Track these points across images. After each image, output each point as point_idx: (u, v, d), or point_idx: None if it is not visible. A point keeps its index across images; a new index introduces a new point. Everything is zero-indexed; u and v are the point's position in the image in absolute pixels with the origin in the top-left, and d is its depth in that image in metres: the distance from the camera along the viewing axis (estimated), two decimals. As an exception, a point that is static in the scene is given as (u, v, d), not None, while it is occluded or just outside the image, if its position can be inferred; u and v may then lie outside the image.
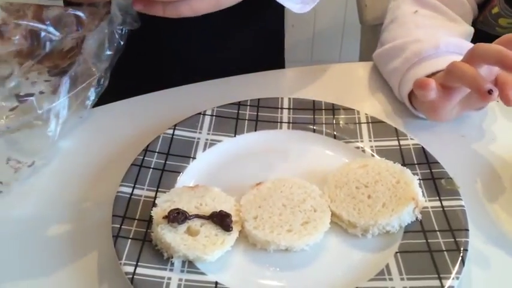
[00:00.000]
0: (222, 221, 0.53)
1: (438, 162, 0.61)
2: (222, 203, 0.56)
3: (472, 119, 0.71)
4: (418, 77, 0.67)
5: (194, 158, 0.63)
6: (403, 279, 0.50)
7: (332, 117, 0.68)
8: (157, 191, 0.58)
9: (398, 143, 0.65)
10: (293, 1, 0.72)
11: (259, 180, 0.59)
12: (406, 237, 0.54)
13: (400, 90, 0.72)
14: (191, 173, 0.62)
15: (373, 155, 0.64)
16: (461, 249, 0.52)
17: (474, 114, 0.72)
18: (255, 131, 0.67)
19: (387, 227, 0.55)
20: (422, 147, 0.63)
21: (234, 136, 0.66)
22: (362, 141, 0.65)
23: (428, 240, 0.53)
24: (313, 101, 0.70)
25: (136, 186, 0.58)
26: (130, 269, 0.50)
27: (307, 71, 0.81)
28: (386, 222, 0.54)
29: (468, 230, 0.54)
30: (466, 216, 0.55)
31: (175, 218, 0.52)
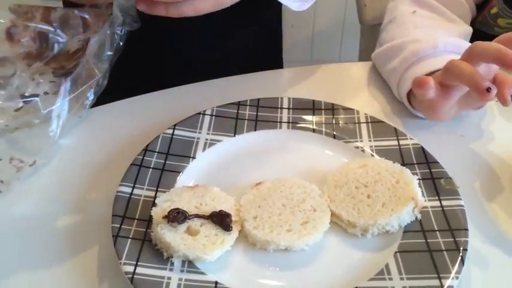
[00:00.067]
0: (221, 220, 0.53)
1: (437, 162, 0.61)
2: (222, 202, 0.56)
3: (471, 118, 0.72)
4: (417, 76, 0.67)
5: (194, 157, 0.63)
6: (402, 278, 0.50)
7: (332, 117, 0.68)
8: (157, 191, 0.58)
9: (398, 142, 0.65)
10: None
11: (259, 180, 0.59)
12: (405, 237, 0.55)
13: (399, 90, 0.72)
14: (191, 172, 0.62)
15: (372, 155, 0.64)
16: (461, 248, 0.52)
17: (473, 114, 0.72)
18: (255, 130, 0.67)
19: (387, 227, 0.55)
20: (422, 147, 0.63)
21: (234, 136, 0.66)
22: (361, 141, 0.65)
23: (428, 240, 0.54)
24: (313, 100, 0.70)
25: (136, 186, 0.58)
26: (130, 269, 0.50)
27: (307, 71, 0.81)
28: (386, 222, 0.54)
29: (467, 229, 0.54)
30: (466, 215, 0.55)
31: (175, 217, 0.52)
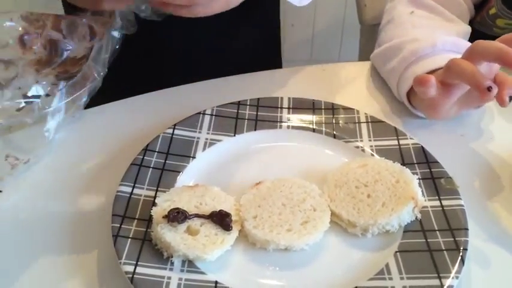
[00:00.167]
0: (221, 220, 0.53)
1: (437, 162, 0.61)
2: (222, 202, 0.56)
3: (471, 118, 0.72)
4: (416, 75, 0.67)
5: (194, 157, 0.63)
6: (402, 278, 0.50)
7: (332, 116, 0.68)
8: (157, 191, 0.58)
9: (398, 142, 0.65)
10: None
11: (259, 180, 0.59)
12: (405, 236, 0.55)
13: (399, 90, 0.72)
14: (191, 172, 0.62)
15: (372, 155, 0.64)
16: (461, 248, 0.52)
17: (473, 113, 0.72)
18: (255, 130, 0.67)
19: (387, 227, 0.55)
20: (422, 147, 0.63)
21: (234, 136, 0.66)
22: (362, 141, 0.65)
23: (428, 240, 0.54)
24: (313, 100, 0.70)
25: (136, 185, 0.58)
26: (130, 269, 0.50)
27: (307, 71, 0.81)
28: (386, 222, 0.54)
29: (468, 229, 0.54)
30: (466, 215, 0.55)
31: (175, 217, 0.52)
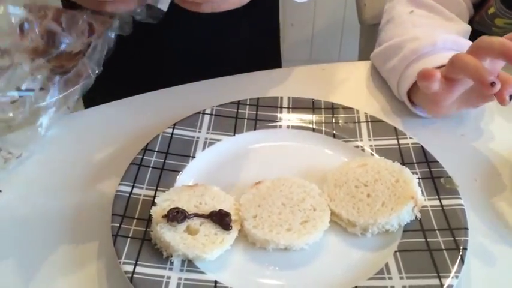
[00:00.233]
0: (221, 220, 0.53)
1: (437, 161, 0.61)
2: (222, 202, 0.56)
3: (470, 118, 0.72)
4: (417, 74, 0.67)
5: (193, 157, 0.63)
6: (402, 278, 0.50)
7: (331, 116, 0.68)
8: (156, 190, 0.58)
9: (398, 142, 0.65)
10: None
11: (259, 179, 0.59)
12: (405, 236, 0.54)
13: (399, 88, 0.72)
14: (190, 172, 0.62)
15: (372, 154, 0.64)
16: (461, 248, 0.52)
17: (473, 113, 0.72)
18: (255, 130, 0.67)
19: (386, 226, 0.55)
20: (422, 146, 0.63)
21: (234, 135, 0.66)
22: (361, 140, 0.65)
23: (428, 239, 0.54)
24: (313, 100, 0.70)
25: (136, 185, 0.58)
26: (130, 268, 0.50)
27: (307, 70, 0.81)
28: (386, 221, 0.54)
29: (467, 228, 0.54)
30: (466, 215, 0.55)
31: (175, 217, 0.52)
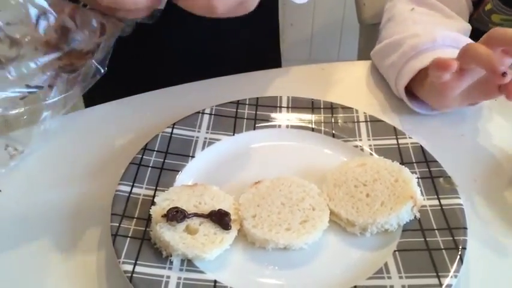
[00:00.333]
0: (220, 219, 0.53)
1: (436, 161, 0.61)
2: (221, 201, 0.56)
3: (470, 118, 0.72)
4: (415, 69, 0.67)
5: (193, 156, 0.63)
6: (401, 277, 0.50)
7: (331, 116, 0.68)
8: (156, 190, 0.58)
9: (397, 141, 0.65)
10: None
11: (258, 179, 0.59)
12: (404, 235, 0.55)
13: (397, 84, 0.72)
14: (190, 171, 0.62)
15: (371, 154, 0.64)
16: (460, 247, 0.52)
17: (472, 113, 0.72)
18: (254, 129, 0.67)
19: (386, 226, 0.55)
20: (421, 146, 0.63)
21: (233, 135, 0.66)
22: (360, 140, 0.65)
23: (427, 239, 0.54)
24: (312, 99, 0.70)
25: (135, 184, 0.58)
26: (129, 268, 0.50)
27: (306, 70, 0.81)
28: (385, 221, 0.54)
29: (466, 228, 0.54)
30: (465, 214, 0.55)
31: (174, 216, 0.52)
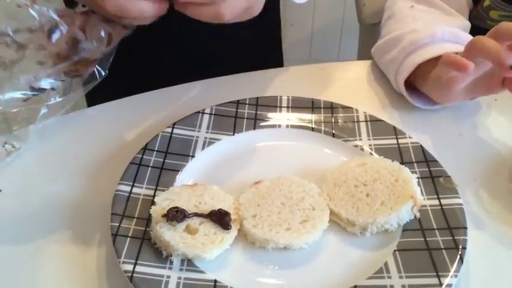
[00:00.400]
0: (220, 219, 0.53)
1: (436, 161, 0.61)
2: (221, 201, 0.56)
3: (469, 117, 0.72)
4: (415, 64, 0.68)
5: (193, 156, 0.63)
6: (401, 277, 0.50)
7: (331, 115, 0.68)
8: (156, 190, 0.58)
9: (397, 141, 0.65)
10: None
11: (258, 179, 0.59)
12: (404, 235, 0.55)
13: (397, 79, 0.72)
14: (190, 171, 0.62)
15: (371, 154, 0.64)
16: (460, 247, 0.52)
17: (472, 113, 0.72)
18: (254, 129, 0.67)
19: (386, 225, 0.55)
20: (421, 146, 0.63)
21: (233, 135, 0.66)
22: (361, 140, 0.65)
23: (427, 239, 0.54)
24: (312, 99, 0.70)
25: (135, 184, 0.58)
26: (130, 267, 0.50)
27: (306, 70, 0.81)
28: (385, 221, 0.54)
29: (466, 228, 0.54)
30: (465, 214, 0.55)
31: (174, 216, 0.52)
